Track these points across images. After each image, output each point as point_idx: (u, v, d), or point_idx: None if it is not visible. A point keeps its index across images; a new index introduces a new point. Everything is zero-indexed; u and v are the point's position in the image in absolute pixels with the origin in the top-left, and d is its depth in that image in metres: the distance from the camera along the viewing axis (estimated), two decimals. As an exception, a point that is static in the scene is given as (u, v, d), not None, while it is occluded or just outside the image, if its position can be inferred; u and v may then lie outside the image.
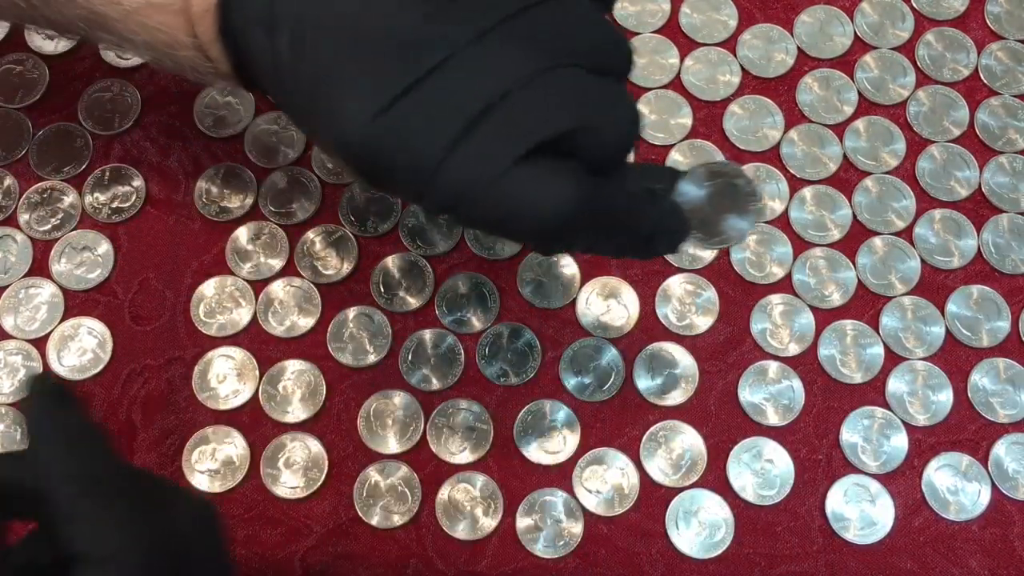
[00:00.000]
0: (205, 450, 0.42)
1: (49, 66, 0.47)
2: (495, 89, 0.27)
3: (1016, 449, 0.42)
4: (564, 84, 0.28)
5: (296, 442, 0.42)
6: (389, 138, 0.27)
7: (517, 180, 0.27)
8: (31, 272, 0.44)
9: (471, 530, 0.40)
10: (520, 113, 0.27)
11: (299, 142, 0.46)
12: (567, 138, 0.28)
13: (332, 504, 0.41)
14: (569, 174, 0.28)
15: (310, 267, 0.44)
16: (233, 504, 0.41)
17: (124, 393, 0.42)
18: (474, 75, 0.27)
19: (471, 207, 0.28)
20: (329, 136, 0.28)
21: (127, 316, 0.43)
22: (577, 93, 0.28)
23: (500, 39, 0.27)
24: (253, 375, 0.42)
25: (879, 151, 0.46)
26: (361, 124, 0.27)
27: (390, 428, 0.42)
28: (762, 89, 0.48)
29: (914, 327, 0.43)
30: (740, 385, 0.43)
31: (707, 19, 0.49)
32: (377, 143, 0.27)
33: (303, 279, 0.44)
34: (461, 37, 0.27)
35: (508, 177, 0.27)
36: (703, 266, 0.44)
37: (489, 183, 0.27)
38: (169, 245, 0.45)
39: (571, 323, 0.43)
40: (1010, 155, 0.46)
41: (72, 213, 0.45)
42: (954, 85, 0.48)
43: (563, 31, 0.29)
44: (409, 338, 0.43)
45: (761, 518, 0.41)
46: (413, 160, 0.27)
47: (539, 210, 0.28)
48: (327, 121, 0.28)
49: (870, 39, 0.48)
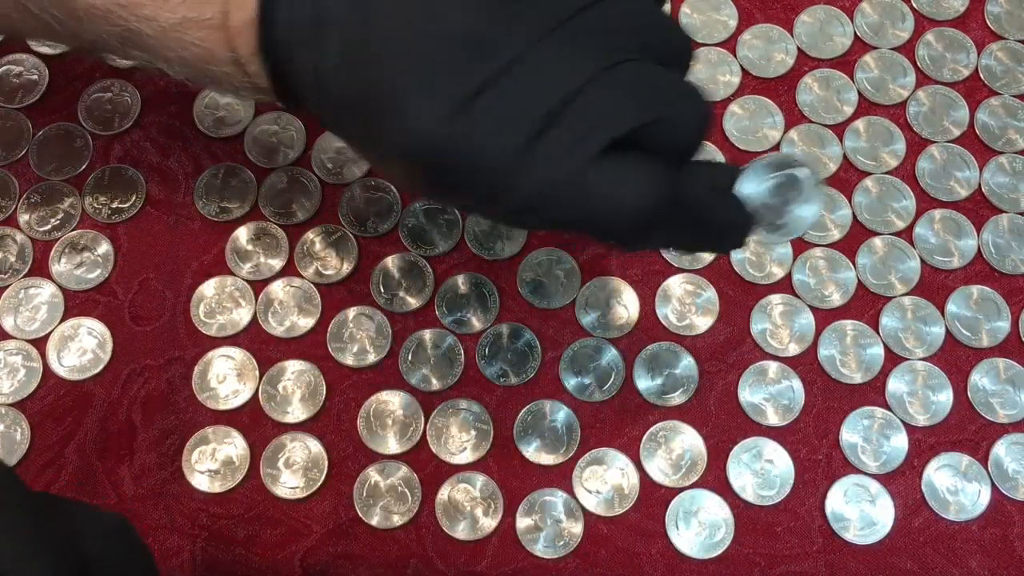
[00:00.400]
0: (205, 450, 0.42)
1: (49, 66, 0.47)
2: (566, 87, 0.27)
3: (1016, 449, 0.42)
4: (635, 78, 0.28)
5: (296, 442, 0.42)
6: (464, 140, 0.27)
7: (596, 177, 0.27)
8: (31, 272, 0.44)
9: (471, 530, 0.40)
10: (594, 109, 0.27)
11: (299, 142, 0.46)
12: (642, 133, 0.28)
13: (332, 504, 0.41)
14: (647, 168, 0.28)
15: (310, 267, 0.44)
16: (233, 504, 0.41)
17: (124, 393, 0.42)
18: (544, 74, 0.27)
19: (551, 207, 0.28)
20: (394, 144, 0.28)
21: (127, 316, 0.43)
22: (648, 87, 0.28)
23: (565, 37, 0.27)
24: (253, 375, 0.43)
25: (879, 151, 0.46)
26: (433, 127, 0.27)
27: (390, 428, 0.42)
28: (762, 89, 0.48)
29: (914, 327, 0.43)
30: (740, 385, 0.43)
31: (707, 19, 0.49)
32: (451, 145, 0.27)
33: (303, 279, 0.44)
34: (527, 37, 0.27)
35: (587, 174, 0.27)
36: (703, 266, 0.44)
37: (569, 181, 0.27)
38: (169, 245, 0.45)
39: (571, 323, 0.43)
40: (1010, 155, 0.46)
41: (72, 213, 0.45)
42: (954, 85, 0.48)
43: (626, 25, 0.28)
44: (409, 338, 0.43)
45: (761, 518, 0.41)
46: (490, 161, 0.27)
47: (620, 206, 0.28)
48: (390, 128, 0.28)
49: (870, 39, 0.48)
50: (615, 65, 0.28)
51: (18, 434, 0.42)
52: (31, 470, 0.41)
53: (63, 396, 0.42)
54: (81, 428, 0.42)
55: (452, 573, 0.40)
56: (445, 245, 0.44)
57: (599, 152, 0.27)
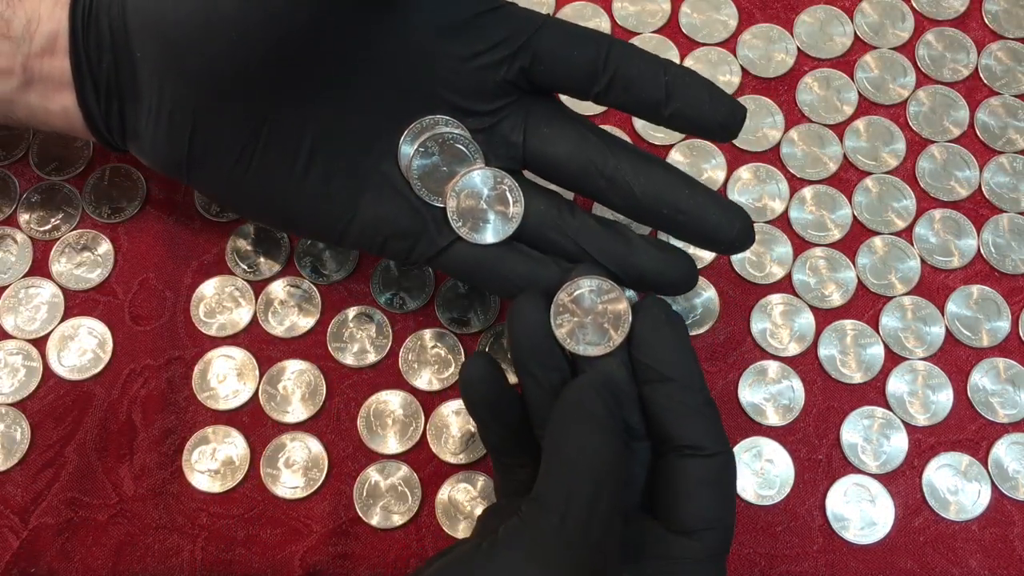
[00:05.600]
0: (205, 450, 0.42)
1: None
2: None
3: (1016, 449, 0.42)
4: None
5: (296, 442, 0.42)
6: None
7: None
8: (31, 272, 0.44)
9: (471, 530, 0.40)
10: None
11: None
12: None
13: (332, 504, 0.41)
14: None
15: (310, 267, 0.44)
16: (233, 504, 0.41)
17: (124, 393, 0.42)
18: None
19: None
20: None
21: (127, 316, 0.43)
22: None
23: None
24: (253, 375, 0.43)
25: (879, 151, 0.46)
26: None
27: (390, 428, 0.42)
28: (762, 89, 0.48)
29: (914, 327, 0.43)
30: (740, 385, 0.43)
31: (707, 19, 0.49)
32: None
33: (303, 279, 0.44)
34: None
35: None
36: (703, 266, 0.44)
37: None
38: (169, 245, 0.45)
39: (571, 323, 0.43)
40: (1010, 155, 0.46)
41: (72, 213, 0.45)
42: (954, 85, 0.48)
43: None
44: (409, 338, 0.43)
45: (761, 518, 0.41)
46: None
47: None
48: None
49: (870, 39, 0.48)
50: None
51: (18, 434, 0.42)
52: (31, 470, 0.41)
53: (63, 396, 0.42)
54: (81, 428, 0.42)
55: (452, 573, 0.40)
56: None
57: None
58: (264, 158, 0.36)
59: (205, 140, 0.36)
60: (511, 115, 0.38)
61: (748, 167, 0.46)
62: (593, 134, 0.38)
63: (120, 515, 0.41)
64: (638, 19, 0.49)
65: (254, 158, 0.36)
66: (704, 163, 0.46)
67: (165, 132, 0.36)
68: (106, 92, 0.36)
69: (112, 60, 0.36)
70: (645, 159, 0.38)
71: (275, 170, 0.37)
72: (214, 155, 0.36)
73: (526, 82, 0.38)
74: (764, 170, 0.46)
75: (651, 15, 0.49)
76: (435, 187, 0.38)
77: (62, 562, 0.40)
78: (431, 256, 0.38)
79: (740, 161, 0.46)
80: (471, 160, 0.38)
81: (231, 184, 0.37)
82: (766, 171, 0.46)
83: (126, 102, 0.36)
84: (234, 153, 0.36)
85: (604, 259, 0.37)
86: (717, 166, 0.46)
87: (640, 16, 0.49)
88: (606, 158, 0.37)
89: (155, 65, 0.35)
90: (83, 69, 0.36)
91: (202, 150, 0.36)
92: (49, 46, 0.36)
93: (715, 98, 0.37)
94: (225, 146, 0.36)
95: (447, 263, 0.38)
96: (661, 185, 0.37)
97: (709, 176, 0.46)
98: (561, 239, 0.38)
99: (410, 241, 0.38)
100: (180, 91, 0.35)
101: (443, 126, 0.38)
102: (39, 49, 0.36)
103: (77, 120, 0.37)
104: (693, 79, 0.37)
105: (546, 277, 0.37)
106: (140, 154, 0.38)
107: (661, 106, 0.37)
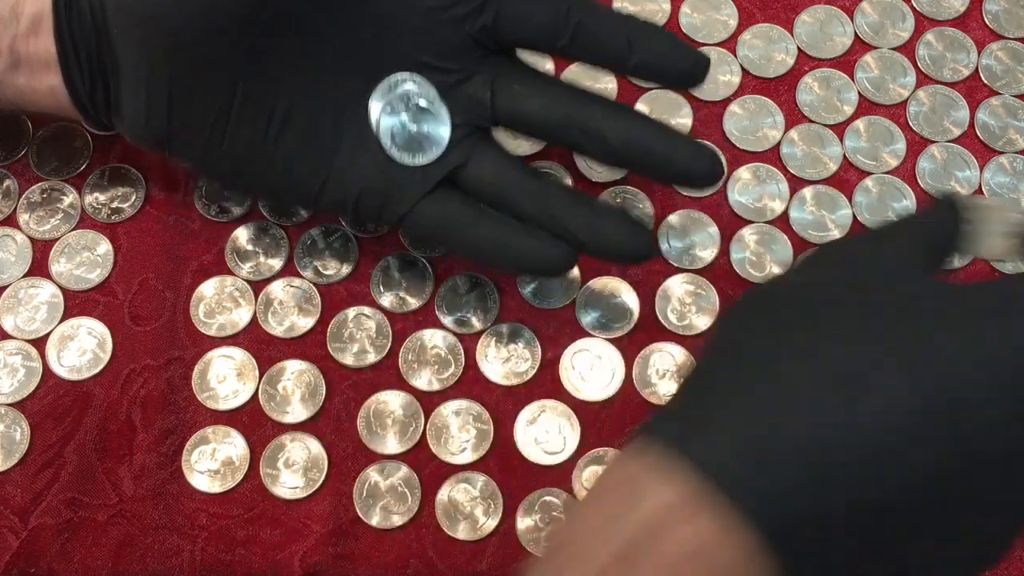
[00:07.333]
0: (205, 450, 0.41)
1: (49, 66, 0.47)
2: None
3: (1016, 449, 0.42)
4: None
5: (296, 442, 0.42)
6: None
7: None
8: (31, 272, 0.44)
9: (471, 530, 0.40)
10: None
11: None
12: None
13: (332, 504, 0.41)
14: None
15: (310, 267, 0.44)
16: (233, 504, 0.41)
17: (124, 393, 0.42)
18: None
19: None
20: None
21: (127, 316, 0.43)
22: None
23: None
24: (253, 375, 0.42)
25: (879, 151, 0.46)
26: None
27: (390, 428, 0.42)
28: (762, 89, 0.48)
29: (914, 327, 0.43)
30: (740, 385, 0.42)
31: (707, 19, 0.49)
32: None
33: (303, 279, 0.44)
34: None
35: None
36: (703, 266, 0.44)
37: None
38: (169, 245, 0.45)
39: (571, 323, 0.43)
40: (1011, 155, 0.46)
41: (72, 213, 0.45)
42: (954, 85, 0.48)
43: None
44: (409, 338, 0.43)
45: (761, 518, 0.41)
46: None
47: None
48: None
49: (870, 39, 0.48)
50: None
51: (18, 434, 0.42)
52: (31, 470, 0.41)
53: (63, 396, 0.42)
54: (81, 428, 0.42)
55: (452, 573, 0.40)
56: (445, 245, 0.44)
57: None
58: (239, 123, 0.38)
59: (182, 110, 0.38)
60: (479, 73, 0.39)
61: (748, 167, 0.46)
62: (563, 87, 0.40)
63: (120, 515, 0.41)
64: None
65: (230, 124, 0.38)
66: (704, 163, 0.46)
67: (144, 105, 0.38)
68: (89, 70, 0.38)
69: (94, 38, 0.37)
70: (615, 107, 0.39)
71: (251, 134, 0.38)
72: (192, 124, 0.38)
73: (492, 41, 0.39)
74: (764, 170, 0.46)
75: (651, 15, 0.49)
76: (403, 145, 0.38)
77: (62, 562, 0.40)
78: (402, 214, 0.39)
79: (740, 161, 0.46)
80: (438, 118, 0.38)
81: (210, 152, 0.38)
82: (766, 171, 0.46)
83: (109, 79, 0.38)
84: (210, 120, 0.38)
85: (569, 224, 0.38)
86: (717, 166, 0.46)
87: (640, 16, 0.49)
88: (578, 109, 0.39)
89: (130, 40, 0.37)
90: (67, 48, 0.37)
91: (180, 120, 0.38)
92: (34, 27, 0.37)
93: (677, 48, 0.38)
94: (201, 114, 0.38)
95: (417, 223, 0.39)
96: (632, 130, 0.39)
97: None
98: (527, 202, 0.39)
99: (380, 199, 0.39)
100: (155, 63, 0.37)
101: (410, 84, 0.38)
102: (25, 30, 0.37)
103: (64, 99, 0.38)
104: (655, 30, 0.39)
105: (515, 240, 0.39)
106: (123, 130, 0.39)
107: (624, 58, 0.38)
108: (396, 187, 0.39)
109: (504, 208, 0.39)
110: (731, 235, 0.45)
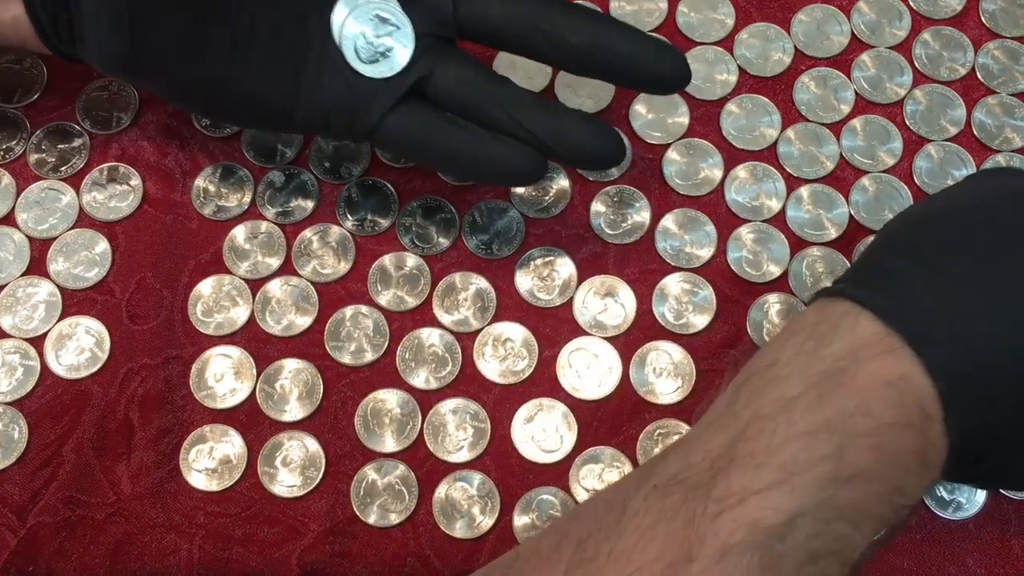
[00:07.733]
0: (202, 449, 0.42)
1: (47, 65, 0.47)
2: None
3: (1013, 447, 0.42)
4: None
5: (293, 441, 0.42)
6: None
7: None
8: (29, 271, 0.44)
9: (468, 529, 0.40)
10: None
11: (297, 141, 0.46)
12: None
13: (329, 503, 0.41)
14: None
15: (308, 266, 0.44)
16: (230, 503, 0.41)
17: (122, 392, 0.42)
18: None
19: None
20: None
21: (124, 315, 0.43)
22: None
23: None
24: (250, 374, 0.43)
25: (876, 150, 0.46)
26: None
27: (387, 427, 0.42)
28: (759, 88, 0.48)
29: (911, 326, 0.43)
30: (737, 384, 0.43)
31: (704, 18, 0.49)
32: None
33: (300, 278, 0.44)
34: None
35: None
36: (700, 265, 0.44)
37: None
38: (166, 244, 0.45)
39: (568, 321, 0.43)
40: (1007, 154, 0.46)
41: (70, 212, 0.45)
42: (951, 84, 0.48)
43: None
44: (407, 337, 0.43)
45: (758, 516, 0.41)
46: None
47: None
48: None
49: (867, 38, 0.49)
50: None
51: (16, 433, 0.42)
52: (29, 469, 0.41)
53: (61, 395, 0.42)
54: (79, 427, 0.42)
55: (449, 572, 0.40)
56: (443, 244, 0.44)
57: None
58: (204, 43, 0.38)
59: (144, 31, 0.38)
60: None
61: (745, 166, 0.46)
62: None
63: (117, 514, 0.41)
64: (635, 18, 0.49)
65: (194, 44, 0.38)
66: (701, 162, 0.46)
67: (107, 30, 0.38)
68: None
69: None
70: (577, 10, 0.39)
71: (217, 55, 0.38)
72: (156, 46, 0.38)
73: None
74: (761, 169, 0.46)
75: (648, 14, 0.49)
76: (367, 58, 0.38)
77: (60, 561, 0.40)
78: (371, 127, 0.39)
79: (737, 160, 0.46)
80: (401, 29, 0.38)
81: (178, 74, 0.39)
82: (763, 170, 0.46)
83: (71, 7, 0.38)
84: (175, 40, 0.38)
85: (536, 129, 0.39)
86: (714, 165, 0.46)
87: (637, 15, 0.49)
88: (540, 13, 0.38)
89: None
90: None
91: (143, 43, 0.38)
92: None
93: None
94: (164, 33, 0.38)
95: (386, 136, 0.39)
96: (595, 33, 0.38)
97: (706, 175, 0.46)
98: (494, 109, 0.39)
99: (349, 114, 0.39)
100: None
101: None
102: None
103: (27, 29, 0.39)
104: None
105: (483, 148, 0.39)
106: (90, 59, 0.40)
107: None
108: (363, 101, 0.39)
109: (472, 117, 0.39)
110: (728, 234, 0.45)
